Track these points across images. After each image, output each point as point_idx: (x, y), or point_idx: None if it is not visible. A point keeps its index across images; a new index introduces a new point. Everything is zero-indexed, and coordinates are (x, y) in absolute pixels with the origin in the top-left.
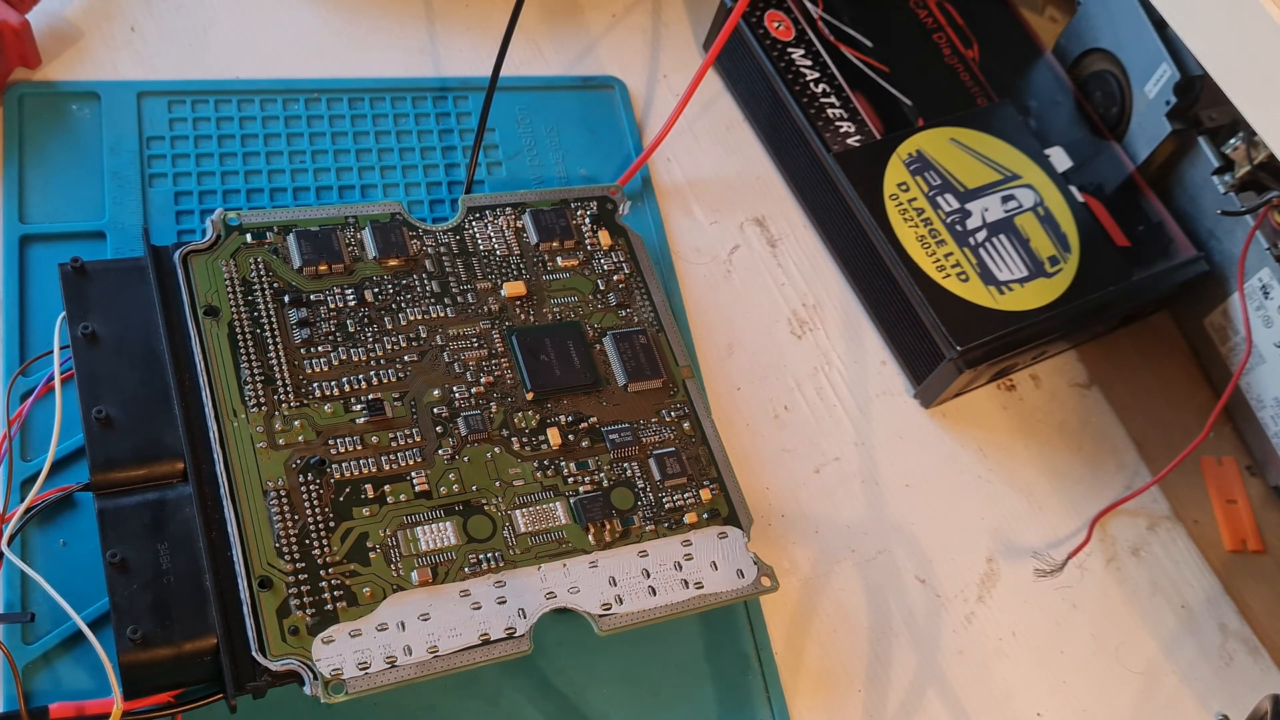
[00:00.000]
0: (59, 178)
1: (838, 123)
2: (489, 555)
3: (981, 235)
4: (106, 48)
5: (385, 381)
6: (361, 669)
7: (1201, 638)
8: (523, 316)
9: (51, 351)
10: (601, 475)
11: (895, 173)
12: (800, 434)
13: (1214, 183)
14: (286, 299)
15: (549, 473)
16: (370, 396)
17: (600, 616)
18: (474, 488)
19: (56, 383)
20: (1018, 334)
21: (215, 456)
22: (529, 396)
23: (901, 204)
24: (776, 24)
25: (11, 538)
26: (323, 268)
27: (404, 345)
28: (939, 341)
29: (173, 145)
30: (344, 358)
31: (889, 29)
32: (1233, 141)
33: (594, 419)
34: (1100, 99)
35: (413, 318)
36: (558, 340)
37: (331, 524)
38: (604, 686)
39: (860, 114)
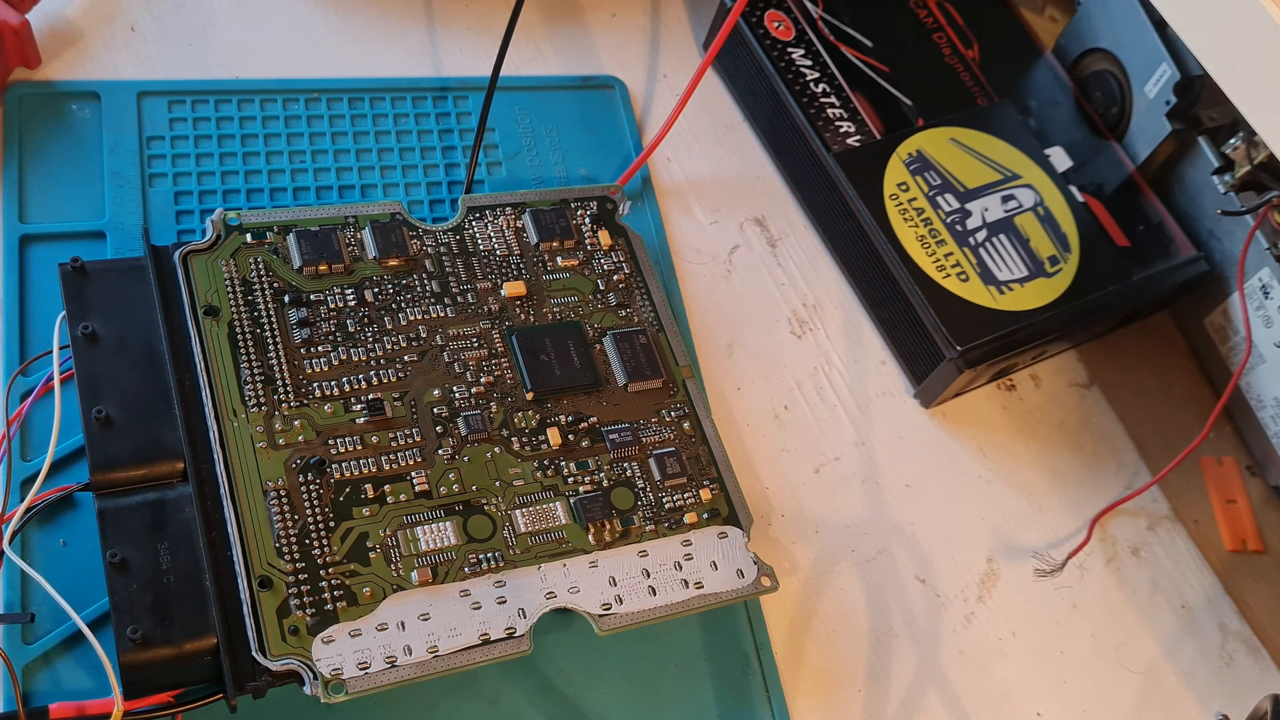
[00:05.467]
0: (59, 178)
1: (838, 123)
2: (489, 555)
3: (981, 235)
4: (106, 48)
5: (385, 381)
6: (361, 669)
7: (1201, 638)
8: (523, 316)
9: (51, 351)
10: (601, 475)
11: (895, 173)
12: (800, 434)
13: (1214, 183)
14: (286, 299)
15: (549, 473)
16: (370, 396)
17: (600, 616)
18: (474, 488)
19: (56, 383)
20: (1018, 334)
21: (215, 456)
22: (529, 396)
23: (901, 204)
24: (776, 24)
25: (11, 538)
26: (323, 268)
27: (404, 345)
28: (939, 341)
29: (173, 145)
30: (344, 358)
31: (889, 29)
32: (1233, 141)
33: (594, 419)
34: (1100, 99)
35: (413, 318)
36: (558, 340)
37: (331, 524)
38: (604, 686)
39: (860, 114)
